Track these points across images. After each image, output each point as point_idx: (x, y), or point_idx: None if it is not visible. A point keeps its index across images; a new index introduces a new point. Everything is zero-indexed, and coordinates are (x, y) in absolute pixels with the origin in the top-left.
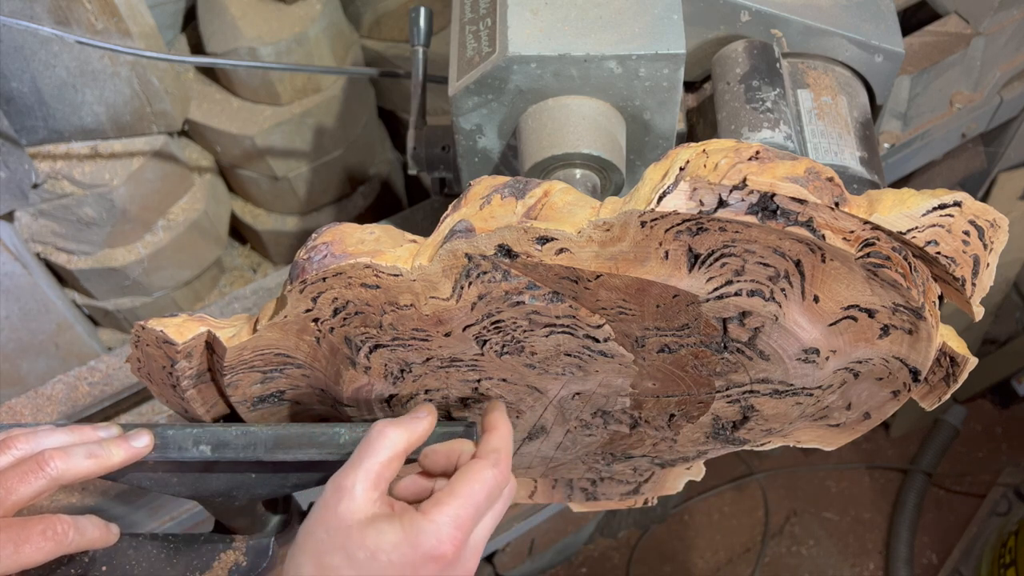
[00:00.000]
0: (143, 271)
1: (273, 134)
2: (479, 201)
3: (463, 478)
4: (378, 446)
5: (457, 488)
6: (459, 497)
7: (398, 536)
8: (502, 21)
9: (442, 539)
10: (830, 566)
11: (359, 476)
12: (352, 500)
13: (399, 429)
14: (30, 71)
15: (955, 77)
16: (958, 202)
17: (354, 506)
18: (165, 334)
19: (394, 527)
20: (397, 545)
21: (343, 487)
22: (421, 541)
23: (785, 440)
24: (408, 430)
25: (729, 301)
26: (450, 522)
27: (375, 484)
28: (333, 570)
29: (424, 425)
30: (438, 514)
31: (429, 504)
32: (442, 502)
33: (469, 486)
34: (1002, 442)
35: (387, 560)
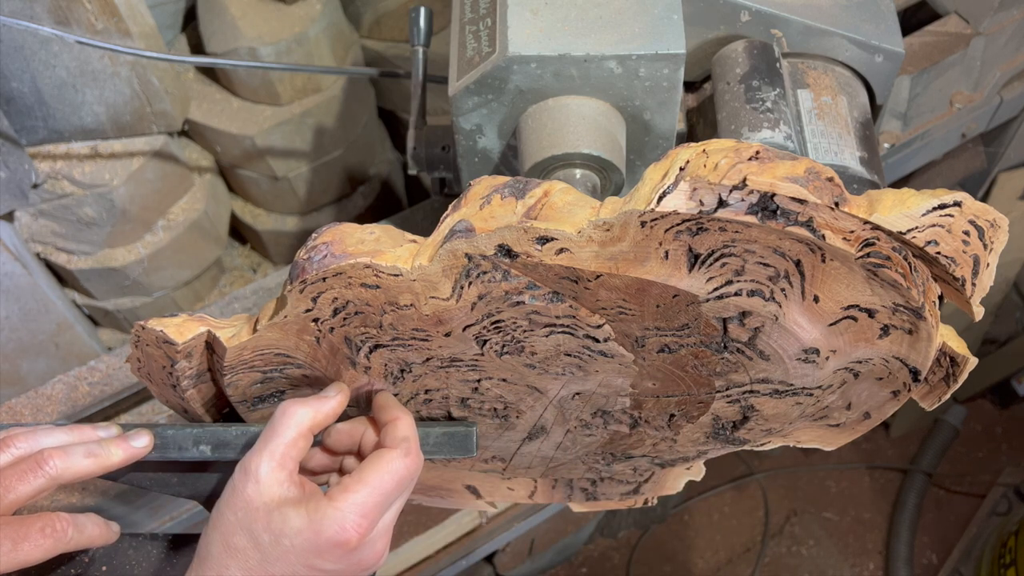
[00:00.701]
0: (143, 271)
1: (273, 134)
2: (479, 201)
3: (373, 466)
4: (283, 426)
5: (366, 476)
6: (367, 485)
7: (302, 522)
8: (502, 21)
9: (346, 526)
10: (830, 566)
11: (264, 458)
12: (258, 483)
13: (305, 407)
14: (30, 71)
15: (955, 77)
16: (958, 202)
17: (260, 488)
18: (165, 334)
19: (299, 512)
20: (300, 531)
21: (249, 469)
22: (324, 527)
23: (785, 440)
24: (314, 408)
25: (729, 301)
26: (356, 509)
27: (281, 464)
28: (239, 551)
29: (332, 404)
30: (343, 501)
31: (337, 490)
32: (349, 489)
33: (379, 475)
34: (1002, 442)
35: (290, 545)
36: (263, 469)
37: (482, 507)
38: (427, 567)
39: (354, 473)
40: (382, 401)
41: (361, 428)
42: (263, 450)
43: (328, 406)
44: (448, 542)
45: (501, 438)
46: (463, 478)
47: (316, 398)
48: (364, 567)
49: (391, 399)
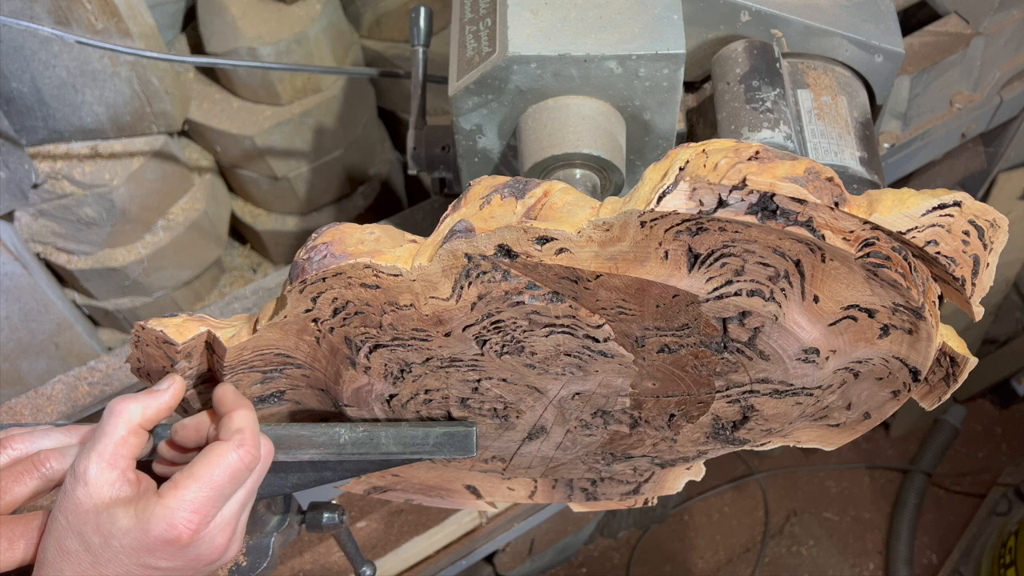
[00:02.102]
0: (143, 271)
1: (273, 134)
2: (479, 201)
3: (204, 460)
4: (111, 424)
5: (196, 471)
6: (197, 480)
7: (130, 521)
8: (502, 21)
9: (175, 523)
10: (830, 566)
11: (92, 459)
12: (86, 485)
13: (134, 403)
14: (30, 71)
15: (955, 77)
16: (958, 202)
17: (89, 490)
18: (165, 334)
19: (128, 512)
20: (129, 530)
21: (77, 472)
22: (153, 526)
23: (785, 440)
24: (143, 403)
25: (729, 301)
26: (186, 506)
27: (112, 464)
28: (71, 555)
29: (164, 398)
30: (172, 498)
31: (167, 487)
32: (179, 485)
33: (209, 470)
34: (1002, 442)
35: (119, 545)
36: (91, 470)
37: (482, 507)
38: (427, 567)
39: (185, 468)
40: (220, 393)
41: (207, 422)
42: (91, 451)
43: (160, 400)
44: (448, 542)
45: (501, 438)
46: (463, 478)
47: (147, 392)
48: (204, 562)
49: (229, 391)
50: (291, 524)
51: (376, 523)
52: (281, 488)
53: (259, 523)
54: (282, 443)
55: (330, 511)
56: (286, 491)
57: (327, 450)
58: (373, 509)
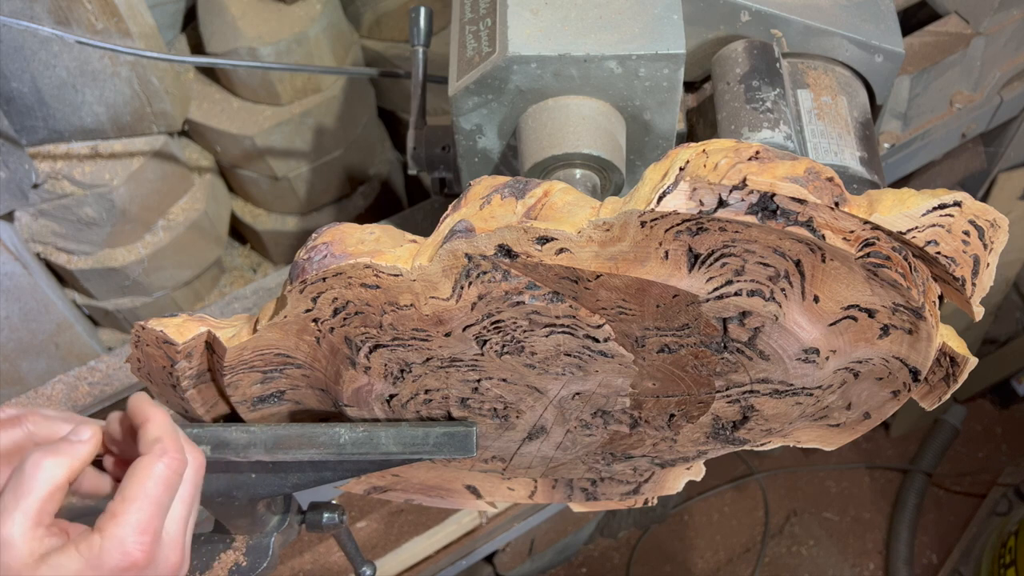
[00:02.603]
0: (143, 271)
1: (273, 134)
2: (479, 201)
3: (132, 481)
4: (34, 483)
5: (128, 494)
6: (134, 501)
7: (78, 564)
8: (502, 21)
9: (127, 550)
10: (830, 566)
11: (16, 522)
12: (13, 548)
13: (57, 458)
14: (30, 71)
15: (955, 77)
16: (958, 202)
17: (17, 553)
18: (165, 334)
19: (70, 557)
20: (80, 572)
21: (1, 539)
22: (105, 560)
23: (785, 440)
24: (69, 457)
25: (729, 301)
26: (131, 529)
27: (37, 522)
28: None
29: (87, 449)
30: (116, 527)
31: (104, 519)
32: (117, 513)
33: (141, 487)
34: (1002, 442)
35: None
36: (16, 533)
37: (482, 507)
38: (427, 567)
39: (116, 495)
40: (132, 405)
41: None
42: (14, 513)
43: (84, 451)
44: (448, 542)
45: (501, 438)
46: (463, 478)
47: (67, 443)
48: None
49: (140, 400)
50: (291, 524)
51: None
52: (281, 488)
53: (259, 523)
54: (282, 443)
55: (330, 511)
56: (286, 491)
57: (327, 450)
58: (373, 509)
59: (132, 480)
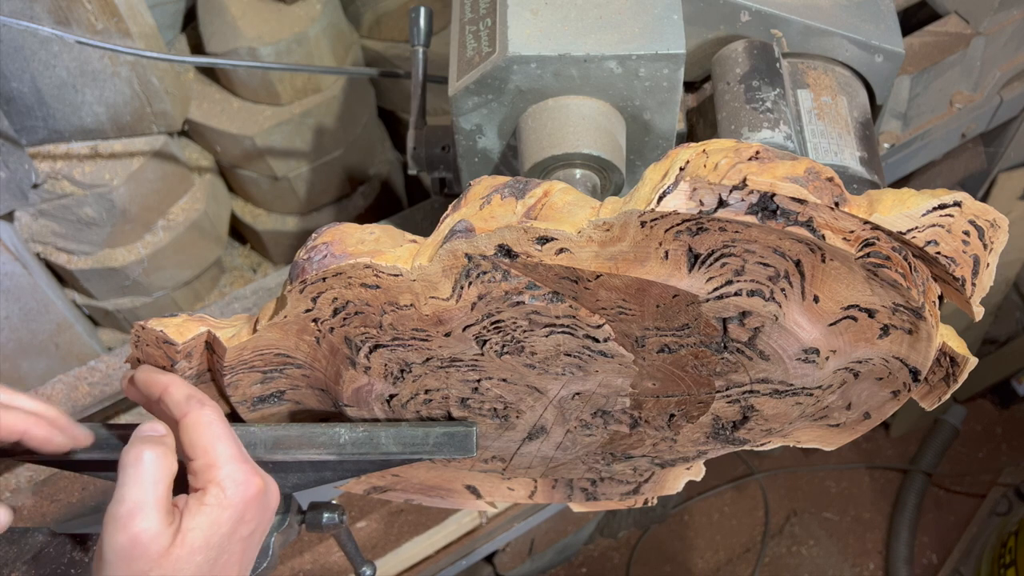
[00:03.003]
0: (143, 271)
1: (273, 134)
2: (479, 201)
3: (197, 433)
4: (151, 473)
5: (203, 442)
6: (215, 444)
7: (210, 516)
8: (502, 21)
9: (243, 479)
10: (830, 566)
11: (148, 516)
12: (159, 537)
13: (158, 448)
14: (30, 71)
15: (955, 77)
16: (958, 202)
17: (162, 540)
18: (165, 334)
19: (199, 515)
20: (218, 519)
21: (146, 534)
22: (232, 498)
23: (785, 440)
24: (164, 446)
25: (729, 301)
26: (235, 466)
27: (166, 509)
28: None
29: (170, 438)
30: (219, 470)
31: (201, 474)
32: (210, 461)
33: (209, 432)
34: (1002, 442)
35: (221, 533)
36: (153, 525)
37: (482, 507)
38: (427, 567)
39: (190, 452)
40: (145, 379)
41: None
42: (144, 506)
43: (170, 441)
44: (448, 542)
45: (501, 438)
46: (463, 478)
47: (158, 435)
48: (271, 508)
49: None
50: (291, 524)
51: (376, 523)
52: (281, 488)
53: None
54: (282, 443)
55: (330, 511)
56: (286, 491)
57: (327, 450)
58: (373, 509)
59: (195, 433)
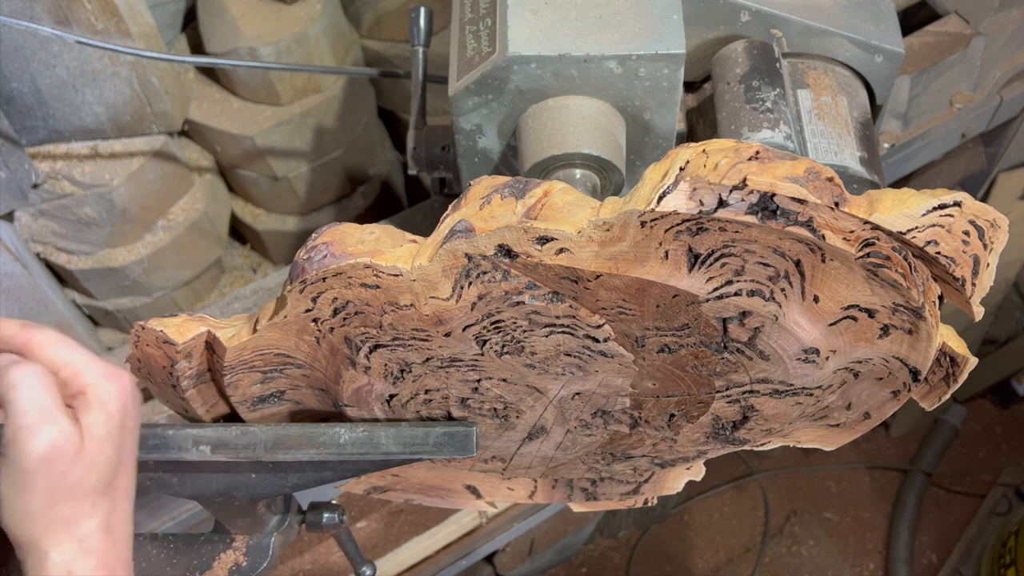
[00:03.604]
0: (143, 271)
1: (273, 134)
2: (479, 201)
3: (49, 349)
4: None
5: (59, 356)
6: (72, 353)
7: (102, 409)
8: (502, 21)
9: (111, 375)
10: (830, 566)
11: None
12: (68, 438)
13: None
14: (30, 71)
15: (955, 77)
16: (958, 202)
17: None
18: (165, 334)
19: (92, 411)
20: (108, 414)
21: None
22: (109, 391)
23: (785, 440)
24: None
25: (729, 301)
26: (99, 366)
27: (61, 414)
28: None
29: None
30: (87, 375)
31: (71, 384)
32: (74, 369)
33: (60, 345)
34: (1002, 442)
35: (115, 423)
36: (56, 434)
37: (482, 507)
38: (427, 567)
39: (53, 369)
40: None
41: None
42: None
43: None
44: (448, 542)
45: (501, 438)
46: (463, 478)
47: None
48: (140, 397)
49: None
50: (291, 524)
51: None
52: (281, 488)
53: (259, 523)
54: (282, 443)
55: (330, 511)
56: (286, 491)
57: (327, 450)
58: (373, 509)
59: (47, 351)
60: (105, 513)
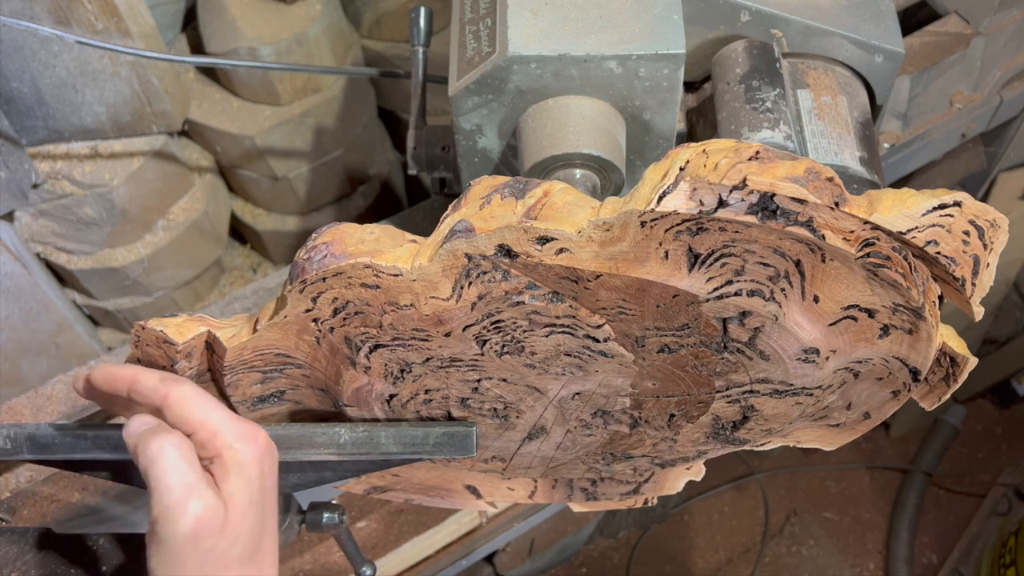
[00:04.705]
0: (143, 271)
1: (273, 134)
2: (479, 201)
3: (187, 407)
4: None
5: (197, 415)
6: (207, 412)
7: (241, 475)
8: (502, 21)
9: (247, 436)
10: (830, 566)
11: (202, 493)
12: (211, 510)
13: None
14: (30, 71)
15: (955, 77)
16: (958, 202)
17: (213, 512)
18: (165, 334)
19: (231, 477)
20: (248, 479)
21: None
22: (247, 454)
23: (785, 440)
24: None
25: (729, 301)
26: (236, 426)
27: (204, 483)
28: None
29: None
30: (224, 437)
31: (208, 446)
32: (211, 430)
33: (198, 403)
34: (1002, 442)
35: (255, 489)
36: (200, 506)
37: (482, 507)
38: (427, 567)
39: (191, 429)
40: (106, 376)
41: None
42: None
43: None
44: (448, 542)
45: (501, 438)
46: (463, 478)
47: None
48: (276, 454)
49: (107, 368)
50: (291, 524)
51: (376, 523)
52: (281, 488)
53: None
54: (282, 443)
55: (330, 511)
56: (286, 491)
57: (327, 450)
58: (373, 509)
59: (186, 409)
60: None
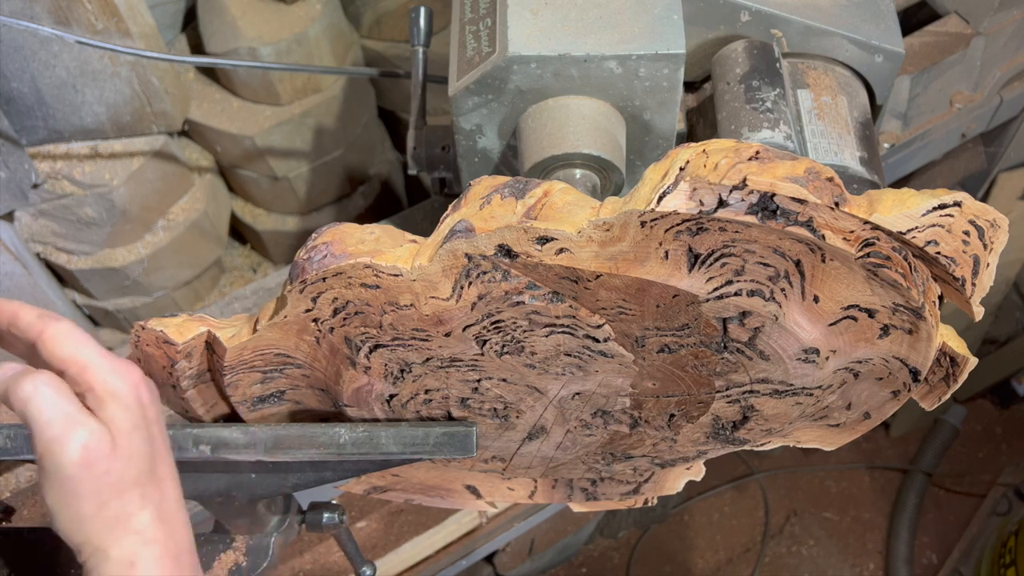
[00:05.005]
0: (143, 271)
1: (273, 134)
2: (479, 201)
3: (59, 343)
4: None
5: (68, 350)
6: (81, 348)
7: (118, 403)
8: (502, 21)
9: (119, 370)
10: (830, 566)
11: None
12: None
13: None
14: (30, 71)
15: (955, 77)
16: (958, 202)
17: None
18: (165, 334)
19: (108, 406)
20: (125, 407)
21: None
22: (120, 385)
23: (785, 440)
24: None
25: (729, 301)
26: (106, 361)
27: (84, 413)
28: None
29: None
30: (96, 371)
31: (80, 380)
32: (81, 364)
33: (71, 339)
34: (1002, 442)
35: (137, 416)
36: (85, 437)
37: (482, 507)
38: (427, 567)
39: (63, 366)
40: None
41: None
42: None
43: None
44: (448, 542)
45: (501, 438)
46: (463, 478)
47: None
48: (155, 387)
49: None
50: (291, 524)
51: (376, 523)
52: (281, 488)
53: (259, 523)
54: (282, 443)
55: (330, 511)
56: (286, 491)
57: (327, 450)
58: (373, 509)
59: (58, 345)
60: (155, 503)
